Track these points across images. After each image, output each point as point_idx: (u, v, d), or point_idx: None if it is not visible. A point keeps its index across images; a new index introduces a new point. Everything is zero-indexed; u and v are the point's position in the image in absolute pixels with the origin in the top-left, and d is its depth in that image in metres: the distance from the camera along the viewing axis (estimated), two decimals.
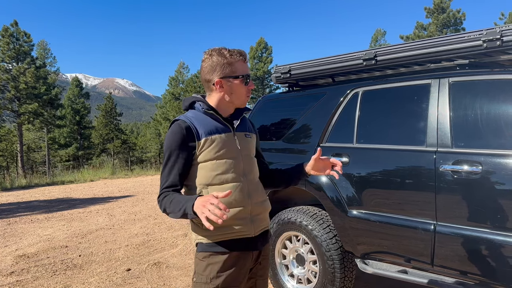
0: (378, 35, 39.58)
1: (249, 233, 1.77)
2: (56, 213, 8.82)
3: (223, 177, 1.72)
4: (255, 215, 1.80)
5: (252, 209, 1.78)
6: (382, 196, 2.94)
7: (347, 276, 3.17)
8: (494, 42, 2.57)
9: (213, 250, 1.74)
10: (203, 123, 1.75)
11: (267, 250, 1.95)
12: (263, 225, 1.86)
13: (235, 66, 1.75)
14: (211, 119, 1.77)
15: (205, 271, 1.75)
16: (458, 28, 29.31)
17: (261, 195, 1.86)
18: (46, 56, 37.31)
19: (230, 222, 1.71)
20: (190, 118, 1.76)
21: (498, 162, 2.42)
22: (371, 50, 3.21)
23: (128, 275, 4.45)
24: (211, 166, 1.72)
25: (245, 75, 1.77)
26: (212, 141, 1.72)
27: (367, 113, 3.18)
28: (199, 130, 1.72)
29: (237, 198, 1.74)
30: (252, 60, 37.82)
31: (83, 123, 40.61)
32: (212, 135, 1.73)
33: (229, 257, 1.74)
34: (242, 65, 1.77)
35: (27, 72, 27.75)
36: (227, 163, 1.73)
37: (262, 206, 1.85)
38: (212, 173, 1.72)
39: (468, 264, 2.51)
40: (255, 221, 1.80)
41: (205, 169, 1.73)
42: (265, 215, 1.88)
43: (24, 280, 4.37)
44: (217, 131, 1.75)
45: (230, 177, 1.74)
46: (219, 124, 1.77)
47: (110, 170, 21.70)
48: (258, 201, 1.82)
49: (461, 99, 2.69)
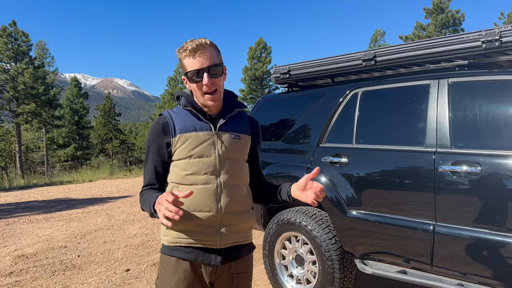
0: (377, 35, 39.63)
1: (212, 244, 1.60)
2: (55, 213, 8.81)
3: (193, 178, 1.59)
4: (226, 225, 1.61)
5: (223, 218, 1.60)
6: (382, 197, 2.95)
7: (346, 277, 3.17)
8: (493, 43, 2.58)
9: (172, 255, 1.62)
10: (181, 119, 1.65)
11: (243, 265, 1.71)
12: (234, 239, 1.64)
13: (183, 63, 1.61)
14: (192, 115, 1.66)
15: (164, 277, 1.64)
16: (457, 28, 29.35)
17: (239, 205, 1.65)
18: (45, 56, 37.28)
19: (193, 227, 1.58)
20: (171, 113, 1.68)
21: (497, 162, 2.43)
22: (371, 50, 3.22)
23: (127, 275, 4.45)
24: (183, 165, 1.61)
25: (189, 72, 1.59)
26: (186, 139, 1.61)
27: (367, 113, 3.19)
28: (176, 126, 1.63)
29: (205, 202, 1.58)
30: (251, 60, 37.81)
31: (81, 123, 40.54)
32: (187, 133, 1.61)
33: (185, 266, 1.60)
34: (189, 61, 1.58)
35: (26, 72, 27.69)
36: (200, 163, 1.60)
37: (237, 217, 1.64)
38: (182, 172, 1.61)
39: (467, 265, 2.51)
40: (225, 233, 1.60)
41: (178, 167, 1.62)
42: (240, 228, 1.66)
43: (23, 281, 4.36)
44: (194, 128, 1.62)
45: (201, 178, 1.59)
46: (198, 121, 1.64)
47: (109, 170, 21.67)
48: (232, 211, 1.62)
49: (460, 99, 2.70)
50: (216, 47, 1.64)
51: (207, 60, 1.57)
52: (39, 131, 33.55)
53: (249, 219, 1.72)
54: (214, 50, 1.62)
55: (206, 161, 1.61)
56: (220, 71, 1.61)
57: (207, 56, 1.57)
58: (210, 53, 1.59)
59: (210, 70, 1.57)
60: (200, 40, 1.59)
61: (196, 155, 1.61)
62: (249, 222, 1.72)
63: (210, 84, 1.58)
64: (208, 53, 1.58)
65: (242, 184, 1.70)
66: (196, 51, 1.56)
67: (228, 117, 1.68)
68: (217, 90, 1.61)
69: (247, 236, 1.72)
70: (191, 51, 1.56)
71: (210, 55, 1.59)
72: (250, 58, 37.95)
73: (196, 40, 1.59)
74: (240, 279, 1.70)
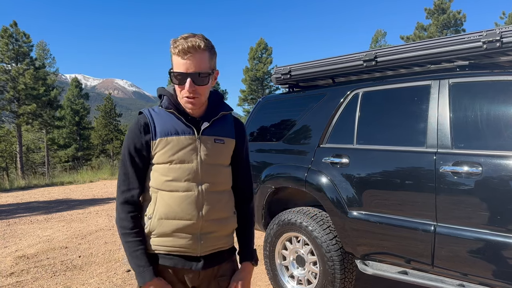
0: (378, 35, 39.65)
1: (192, 252, 1.55)
2: (56, 214, 8.81)
3: (173, 184, 1.52)
4: (206, 233, 1.56)
5: (203, 226, 1.54)
6: (382, 197, 2.94)
7: (347, 277, 3.17)
8: (494, 44, 2.58)
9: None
10: (163, 121, 1.55)
11: (227, 269, 1.67)
12: (215, 246, 1.60)
13: (172, 58, 1.50)
14: (174, 117, 1.56)
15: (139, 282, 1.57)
16: (458, 29, 29.34)
17: (220, 212, 1.59)
18: (45, 57, 37.32)
19: (172, 235, 1.53)
20: (152, 113, 1.58)
21: (498, 163, 2.43)
22: (372, 51, 3.22)
23: (128, 276, 4.45)
24: (163, 170, 1.53)
25: (174, 72, 1.48)
26: (167, 143, 1.52)
27: (367, 114, 3.19)
28: (157, 128, 1.53)
29: (186, 210, 1.52)
30: (252, 61, 37.81)
31: (82, 124, 40.58)
32: (168, 136, 1.52)
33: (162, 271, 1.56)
34: (176, 60, 1.47)
35: (26, 73, 27.72)
36: (181, 169, 1.52)
37: (219, 224, 1.59)
38: (162, 178, 1.53)
39: (468, 265, 2.51)
40: (205, 240, 1.56)
41: (158, 172, 1.54)
42: (221, 234, 1.61)
43: (24, 281, 4.37)
44: (176, 132, 1.53)
45: (182, 185, 1.52)
46: (181, 125, 1.55)
47: (110, 171, 21.68)
48: (214, 218, 1.57)
49: (461, 100, 2.70)
50: (210, 49, 1.50)
51: (194, 67, 1.45)
52: (40, 131, 33.58)
53: (231, 224, 1.66)
54: (207, 55, 1.49)
55: (187, 167, 1.53)
56: (206, 80, 1.50)
57: (196, 61, 1.45)
58: (200, 58, 1.46)
59: (194, 77, 1.47)
60: (195, 40, 1.45)
61: (177, 160, 1.53)
62: (231, 227, 1.67)
63: (192, 91, 1.48)
64: (198, 59, 1.46)
65: (224, 190, 1.64)
66: (186, 53, 1.44)
67: (213, 120, 1.59)
68: (197, 97, 1.51)
69: (228, 242, 1.66)
70: (181, 51, 1.44)
71: (199, 60, 1.46)
72: (251, 59, 37.96)
73: (191, 39, 1.45)
74: (225, 282, 1.66)
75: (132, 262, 1.55)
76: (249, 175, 1.80)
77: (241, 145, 1.71)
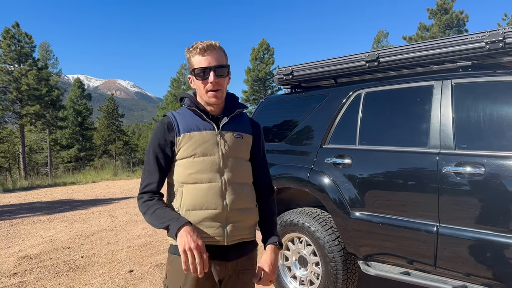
0: (380, 36, 39.57)
1: (220, 241, 1.63)
2: (58, 214, 8.84)
3: (197, 177, 1.63)
4: (232, 222, 1.65)
5: (229, 215, 1.64)
6: (385, 198, 2.94)
7: (349, 278, 3.17)
8: (496, 44, 2.57)
9: (178, 253, 1.56)
10: (185, 119, 1.70)
11: (249, 263, 1.75)
12: (240, 235, 1.69)
13: (191, 61, 1.68)
14: (195, 115, 1.71)
15: (173, 276, 1.66)
16: (461, 29, 29.25)
17: (244, 202, 1.70)
18: (48, 58, 37.37)
19: (200, 225, 1.61)
20: (175, 113, 1.74)
21: (501, 163, 2.42)
22: (374, 51, 3.22)
23: (130, 276, 4.46)
24: (187, 164, 1.65)
25: (197, 68, 1.65)
26: (190, 138, 1.66)
27: (370, 114, 3.18)
28: (180, 126, 1.68)
29: (211, 200, 1.62)
30: (254, 62, 37.81)
31: (85, 125, 40.65)
32: (191, 132, 1.66)
33: None
34: (198, 59, 1.65)
35: (29, 73, 27.81)
36: (204, 162, 1.64)
37: (243, 214, 1.68)
38: (187, 171, 1.64)
39: (471, 266, 2.50)
40: (231, 229, 1.65)
41: (182, 166, 1.66)
42: (246, 225, 1.71)
43: (27, 281, 4.38)
44: (198, 128, 1.68)
45: (206, 177, 1.64)
46: (202, 121, 1.70)
47: (112, 171, 21.73)
48: (238, 208, 1.67)
49: (464, 100, 2.69)
50: (224, 51, 1.72)
51: (215, 60, 1.65)
52: (43, 132, 33.66)
53: (254, 216, 1.77)
54: (222, 53, 1.70)
55: (209, 160, 1.65)
56: (226, 72, 1.68)
57: (215, 56, 1.65)
58: (218, 54, 1.67)
59: (217, 69, 1.65)
60: (211, 41, 1.67)
61: (200, 154, 1.65)
62: (254, 219, 1.77)
63: (215, 83, 1.64)
64: (217, 54, 1.66)
65: (246, 183, 1.75)
66: (206, 50, 1.64)
67: (231, 116, 1.73)
68: (220, 90, 1.67)
69: (251, 233, 1.76)
70: (201, 50, 1.64)
71: (218, 56, 1.66)
72: (253, 59, 37.97)
73: (206, 41, 1.67)
74: (245, 276, 1.73)
75: (165, 219, 1.57)
76: (268, 171, 1.92)
77: (258, 141, 1.85)
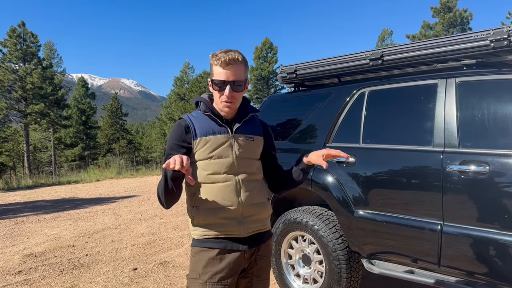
0: (384, 34, 39.43)
1: (237, 234, 1.79)
2: (63, 212, 8.88)
3: (214, 177, 1.77)
4: (247, 216, 1.81)
5: (244, 210, 1.79)
6: (389, 196, 2.94)
7: (353, 276, 3.17)
8: (501, 42, 2.56)
9: (202, 246, 1.80)
10: (201, 123, 1.82)
11: (265, 250, 1.93)
12: (255, 227, 1.85)
13: (213, 68, 1.78)
14: (210, 119, 1.83)
15: (195, 267, 1.80)
16: (464, 27, 29.11)
17: (257, 197, 1.85)
18: (53, 57, 37.53)
19: (218, 220, 1.76)
20: (191, 117, 1.85)
21: (505, 162, 2.41)
22: (378, 50, 3.21)
23: (134, 274, 4.48)
24: (204, 165, 1.78)
25: (215, 80, 1.76)
26: (206, 141, 1.78)
27: (374, 113, 3.18)
28: (197, 130, 1.79)
29: (227, 197, 1.76)
30: (257, 60, 37.79)
31: (89, 123, 40.81)
32: (207, 136, 1.79)
33: (216, 254, 1.77)
34: (218, 70, 1.76)
35: (34, 72, 27.93)
36: (219, 163, 1.78)
37: (257, 208, 1.84)
38: (204, 172, 1.77)
39: (475, 265, 2.50)
40: (246, 223, 1.80)
41: (199, 167, 1.78)
42: (259, 217, 1.86)
43: (32, 279, 4.41)
44: (213, 132, 1.80)
45: (221, 177, 1.77)
46: (217, 126, 1.82)
47: (116, 170, 21.79)
48: (252, 203, 1.82)
49: (468, 99, 2.68)
50: (246, 63, 1.80)
51: (233, 75, 1.74)
52: (47, 131, 33.81)
53: (267, 209, 1.91)
54: (243, 67, 1.78)
55: (225, 162, 1.79)
56: (242, 88, 1.79)
57: (235, 71, 1.75)
58: (238, 69, 1.76)
59: (234, 85, 1.75)
60: (234, 54, 1.75)
61: (215, 156, 1.78)
62: (267, 211, 1.91)
63: (230, 96, 1.76)
64: (237, 69, 1.75)
65: (257, 179, 1.90)
66: (228, 64, 1.73)
67: (243, 121, 1.86)
68: (234, 102, 1.79)
69: (266, 224, 1.92)
70: (223, 63, 1.73)
71: (238, 71, 1.75)
72: (256, 58, 37.95)
73: (231, 53, 1.75)
74: (263, 262, 1.91)
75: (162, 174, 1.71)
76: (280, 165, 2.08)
77: (270, 142, 2.01)
